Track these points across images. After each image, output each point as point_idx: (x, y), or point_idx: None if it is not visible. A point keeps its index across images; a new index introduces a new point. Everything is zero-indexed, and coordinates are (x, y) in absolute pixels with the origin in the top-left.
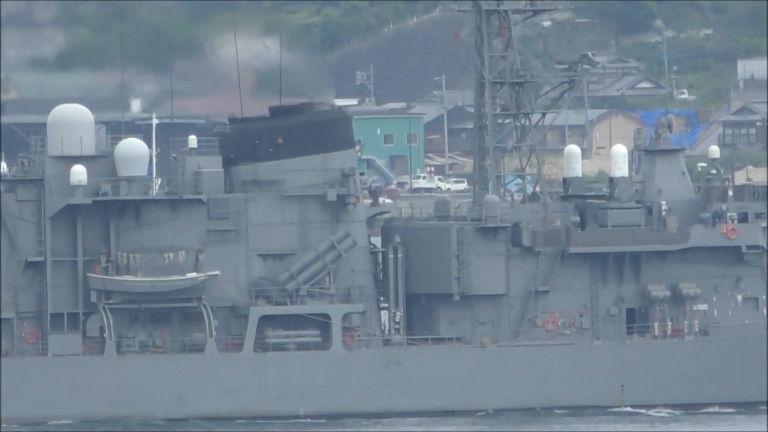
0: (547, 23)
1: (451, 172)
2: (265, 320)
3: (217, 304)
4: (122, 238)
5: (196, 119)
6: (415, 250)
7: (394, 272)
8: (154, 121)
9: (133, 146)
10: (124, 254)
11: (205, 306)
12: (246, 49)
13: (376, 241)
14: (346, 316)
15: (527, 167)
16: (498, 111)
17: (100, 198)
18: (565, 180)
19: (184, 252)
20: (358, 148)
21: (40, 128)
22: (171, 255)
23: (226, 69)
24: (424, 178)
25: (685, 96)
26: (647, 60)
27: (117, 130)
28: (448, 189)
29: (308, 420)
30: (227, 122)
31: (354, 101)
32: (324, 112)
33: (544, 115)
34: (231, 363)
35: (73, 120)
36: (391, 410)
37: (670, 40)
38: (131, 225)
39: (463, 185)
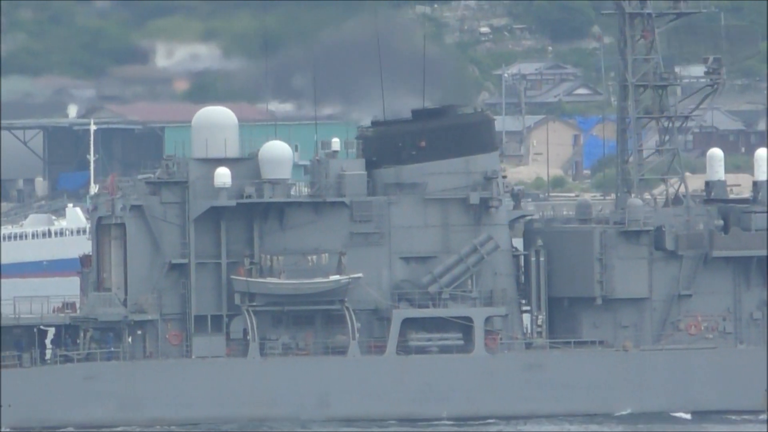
0: (485, 29)
1: None
2: (408, 323)
3: (359, 307)
4: (266, 240)
5: (134, 125)
6: (558, 253)
7: (536, 275)
8: (93, 127)
9: (277, 149)
10: (268, 256)
11: (347, 308)
12: (183, 54)
13: (518, 243)
14: (488, 319)
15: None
16: (641, 114)
17: (244, 200)
18: (707, 183)
19: (327, 254)
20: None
21: None
22: (314, 257)
23: (164, 74)
24: None
25: None
26: (585, 66)
27: (54, 135)
28: None
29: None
30: (370, 125)
31: (290, 106)
32: (467, 115)
33: (686, 118)
34: (374, 365)
35: (217, 122)
36: (533, 413)
37: (607, 46)
38: (275, 227)
39: None
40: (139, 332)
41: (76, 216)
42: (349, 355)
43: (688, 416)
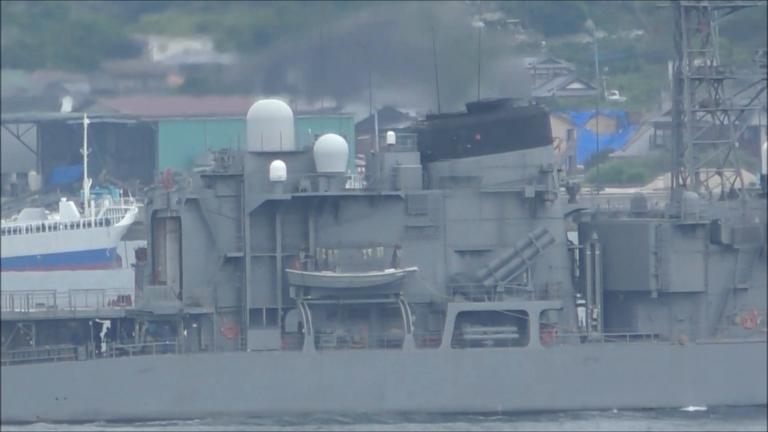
0: (479, 24)
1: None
2: (463, 316)
3: (414, 300)
4: (321, 233)
5: (127, 119)
6: (613, 246)
7: (591, 269)
8: (86, 121)
9: (332, 142)
10: (323, 250)
11: (403, 302)
12: (176, 48)
13: (573, 237)
14: (543, 313)
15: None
16: (696, 108)
17: (299, 194)
18: (762, 177)
19: (382, 248)
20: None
21: None
22: (369, 251)
23: (158, 69)
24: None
25: (616, 97)
26: (578, 61)
27: (48, 129)
28: None
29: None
30: (425, 118)
31: (284, 100)
32: (522, 109)
33: (742, 111)
34: (429, 359)
35: (272, 116)
36: (588, 407)
37: (601, 41)
38: (330, 221)
39: None
40: (195, 325)
41: (69, 210)
42: (404, 349)
43: (703, 408)
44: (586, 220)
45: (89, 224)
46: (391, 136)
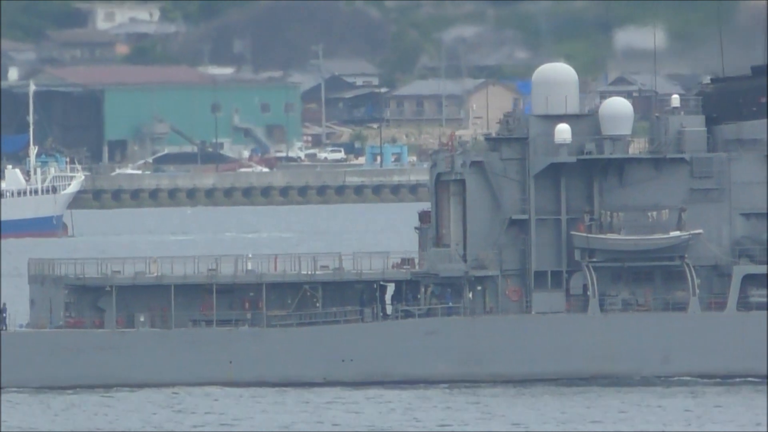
0: None
1: (327, 142)
2: (749, 279)
3: (699, 263)
4: (605, 196)
5: (73, 87)
6: None
7: None
8: (32, 88)
9: (618, 105)
10: (608, 212)
11: (687, 264)
12: (123, 17)
13: None
14: None
15: None
16: None
17: (584, 156)
18: None
19: (667, 210)
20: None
21: None
22: (654, 213)
23: (104, 38)
24: (300, 148)
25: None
26: (525, 29)
27: None
28: (325, 158)
29: None
30: (710, 81)
31: (231, 69)
32: None
33: None
34: (714, 322)
35: (558, 79)
36: None
37: (547, 8)
38: (614, 184)
39: (340, 155)
40: (479, 288)
41: (15, 178)
42: (690, 312)
43: None
44: None
45: (35, 192)
46: (675, 99)
